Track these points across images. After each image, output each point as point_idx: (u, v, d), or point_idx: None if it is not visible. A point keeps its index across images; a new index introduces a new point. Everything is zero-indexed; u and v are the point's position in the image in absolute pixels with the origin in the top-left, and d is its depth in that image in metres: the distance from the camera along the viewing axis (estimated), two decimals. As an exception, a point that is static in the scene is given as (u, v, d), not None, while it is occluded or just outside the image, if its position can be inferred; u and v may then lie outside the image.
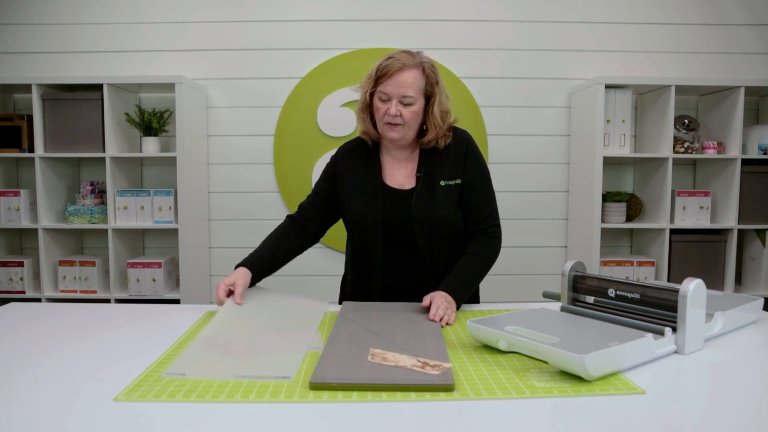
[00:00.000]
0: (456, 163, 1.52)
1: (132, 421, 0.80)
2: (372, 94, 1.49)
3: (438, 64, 2.79)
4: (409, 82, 1.43)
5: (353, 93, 2.82)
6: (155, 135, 2.70)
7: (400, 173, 1.55)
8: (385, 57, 1.47)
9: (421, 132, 1.52)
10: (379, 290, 1.54)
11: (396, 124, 1.46)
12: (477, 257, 1.51)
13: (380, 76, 1.44)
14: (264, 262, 1.50)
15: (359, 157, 1.58)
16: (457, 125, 1.58)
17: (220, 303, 1.37)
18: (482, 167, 1.57)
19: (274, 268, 1.54)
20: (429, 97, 1.48)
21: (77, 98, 2.62)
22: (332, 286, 1.76)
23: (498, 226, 1.57)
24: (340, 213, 1.60)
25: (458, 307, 1.42)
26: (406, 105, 1.44)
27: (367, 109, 1.53)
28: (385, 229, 1.50)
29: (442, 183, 1.50)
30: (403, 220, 1.49)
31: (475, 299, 1.65)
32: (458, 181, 1.52)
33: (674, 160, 2.66)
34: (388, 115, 1.44)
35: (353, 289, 1.61)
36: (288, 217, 1.62)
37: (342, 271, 1.72)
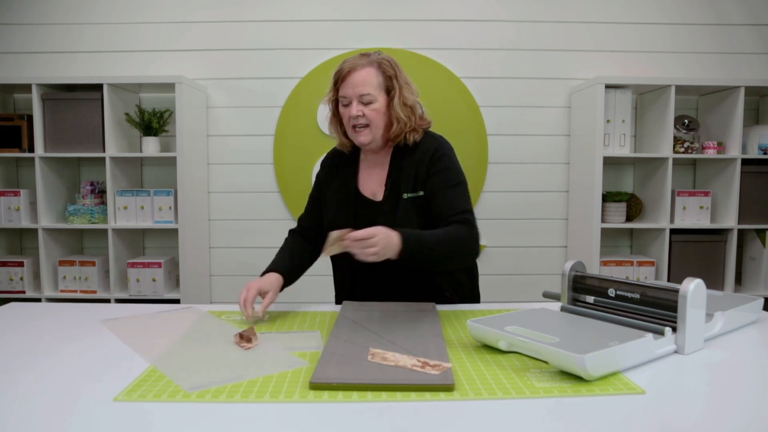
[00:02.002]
0: (418, 175, 1.46)
1: (132, 421, 0.80)
2: (337, 103, 1.49)
3: (438, 64, 2.84)
4: (363, 80, 1.42)
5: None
6: (155, 135, 2.70)
7: (373, 180, 1.53)
8: (340, 63, 1.47)
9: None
10: (354, 297, 1.54)
11: (362, 126, 1.44)
12: (444, 231, 1.36)
13: (336, 81, 1.47)
14: (290, 267, 1.51)
15: (338, 164, 1.59)
16: (458, 125, 1.58)
17: (246, 314, 1.33)
18: (446, 173, 1.46)
19: (297, 275, 1.55)
20: (390, 93, 1.46)
21: (77, 98, 2.62)
22: (330, 285, 1.74)
23: (472, 223, 1.41)
24: None
25: (403, 256, 1.26)
26: (366, 104, 1.43)
27: (335, 119, 1.54)
28: None
29: (405, 196, 1.46)
30: None
31: (475, 299, 1.65)
32: (421, 193, 1.46)
33: (674, 160, 2.66)
34: (351, 117, 1.44)
35: (337, 292, 1.64)
36: (289, 231, 1.66)
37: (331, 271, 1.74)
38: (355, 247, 1.21)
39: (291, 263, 1.54)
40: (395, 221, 1.43)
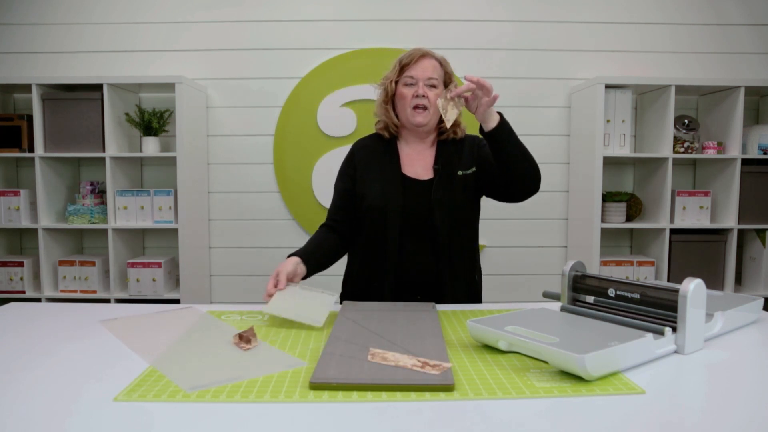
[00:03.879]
0: (471, 155, 1.60)
1: (132, 421, 0.80)
2: (397, 83, 1.57)
3: (438, 64, 2.83)
4: (433, 67, 1.56)
5: (353, 93, 2.83)
6: (155, 135, 2.70)
7: (417, 164, 1.59)
8: (407, 52, 1.58)
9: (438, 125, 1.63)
10: (391, 282, 1.53)
11: (423, 108, 1.53)
12: None
13: (405, 64, 1.56)
14: (313, 252, 1.52)
15: (376, 149, 1.63)
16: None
17: (269, 296, 1.39)
18: None
19: (322, 263, 1.56)
20: (447, 86, 1.59)
21: (77, 98, 2.62)
22: (333, 285, 1.74)
23: None
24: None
25: (501, 121, 1.44)
26: (430, 87, 1.54)
27: (390, 101, 1.60)
28: (404, 215, 1.52)
29: (460, 173, 1.56)
30: (423, 208, 1.53)
31: (477, 299, 1.66)
32: (474, 169, 1.58)
33: (674, 160, 2.66)
34: (416, 97, 1.52)
35: (362, 282, 1.60)
36: (320, 226, 1.65)
37: (341, 271, 1.72)
38: (480, 88, 1.35)
39: (317, 250, 1.54)
40: (453, 194, 1.54)
